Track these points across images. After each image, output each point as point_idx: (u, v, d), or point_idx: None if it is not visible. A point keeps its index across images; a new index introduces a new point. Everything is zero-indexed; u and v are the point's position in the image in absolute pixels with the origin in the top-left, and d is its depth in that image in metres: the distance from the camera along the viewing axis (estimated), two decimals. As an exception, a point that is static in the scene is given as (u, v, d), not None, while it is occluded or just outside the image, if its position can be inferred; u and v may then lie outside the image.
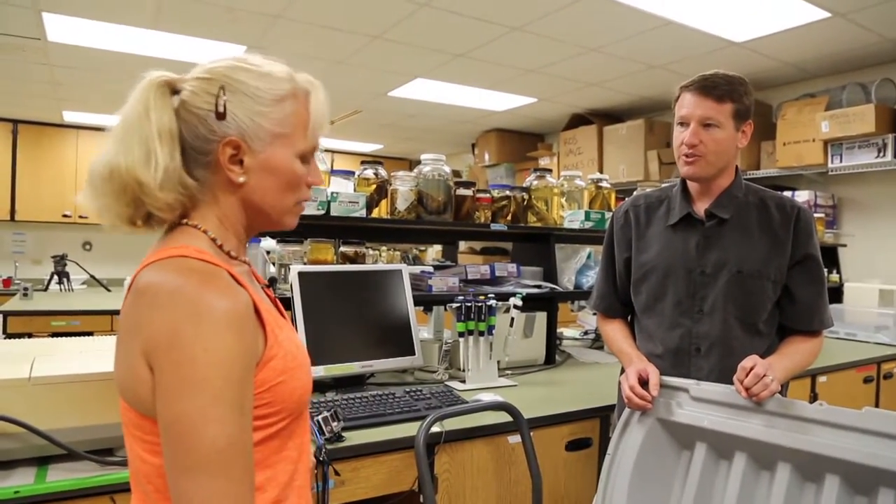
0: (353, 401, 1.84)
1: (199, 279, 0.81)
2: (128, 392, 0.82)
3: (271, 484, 0.88)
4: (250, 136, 0.89)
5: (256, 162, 0.90)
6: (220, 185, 0.91)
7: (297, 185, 0.95)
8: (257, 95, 0.89)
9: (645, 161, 5.37)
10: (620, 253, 1.85)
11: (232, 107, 0.88)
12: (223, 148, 0.88)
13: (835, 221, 4.59)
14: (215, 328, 0.77)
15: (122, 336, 0.84)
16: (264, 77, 0.90)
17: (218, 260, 0.87)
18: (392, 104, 5.93)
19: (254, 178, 0.91)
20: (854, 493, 1.30)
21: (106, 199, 0.88)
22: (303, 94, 0.94)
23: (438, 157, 2.60)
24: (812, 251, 1.68)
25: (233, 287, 0.83)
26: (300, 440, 0.95)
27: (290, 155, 0.92)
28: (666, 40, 4.07)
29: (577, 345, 3.31)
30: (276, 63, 0.94)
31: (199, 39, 4.10)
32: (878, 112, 3.98)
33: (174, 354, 0.76)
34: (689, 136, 1.63)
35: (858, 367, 3.10)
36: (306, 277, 2.06)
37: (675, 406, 1.58)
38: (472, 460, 1.81)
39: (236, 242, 0.95)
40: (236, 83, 0.89)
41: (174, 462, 0.76)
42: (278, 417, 0.88)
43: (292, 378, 0.90)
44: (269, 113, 0.90)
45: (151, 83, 0.88)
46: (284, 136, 0.91)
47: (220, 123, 0.88)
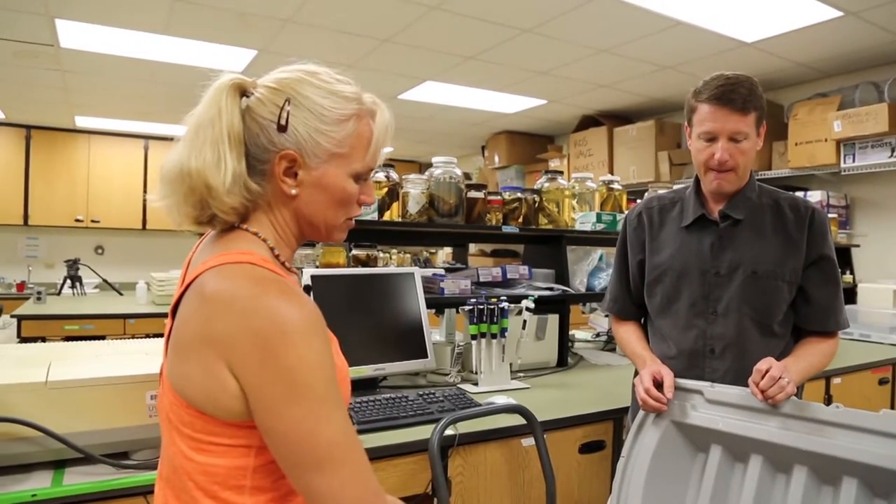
0: (366, 404, 1.85)
1: (276, 288, 0.83)
2: (199, 395, 0.83)
3: None
4: (307, 152, 0.90)
5: (310, 177, 0.92)
6: (273, 194, 0.93)
7: (347, 203, 0.96)
8: (321, 113, 0.90)
9: (656, 162, 5.35)
10: (634, 255, 1.84)
11: (294, 121, 0.89)
12: (279, 160, 0.90)
13: (847, 222, 4.56)
14: (302, 336, 0.80)
15: (190, 342, 0.84)
16: (331, 95, 0.91)
17: (280, 270, 0.89)
18: (403, 107, 5.93)
19: (305, 193, 0.92)
20: (873, 496, 1.29)
21: (174, 199, 0.90)
22: (367, 115, 0.96)
23: (450, 160, 2.60)
24: (827, 251, 1.67)
25: (304, 296, 0.86)
26: None
27: (344, 174, 0.94)
28: (676, 41, 4.06)
29: (589, 347, 3.30)
30: (346, 81, 0.95)
31: (211, 44, 4.12)
32: (891, 111, 3.95)
33: (271, 367, 0.79)
34: (720, 153, 1.59)
35: (873, 368, 3.07)
36: (319, 281, 2.07)
37: (689, 408, 1.57)
38: (486, 463, 1.81)
39: (289, 253, 0.97)
40: (302, 98, 0.90)
41: (299, 466, 0.81)
42: None
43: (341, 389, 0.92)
44: (330, 132, 0.91)
45: (224, 85, 0.90)
46: (341, 155, 0.93)
47: (281, 135, 0.89)
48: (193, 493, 0.86)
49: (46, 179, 6.51)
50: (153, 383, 1.40)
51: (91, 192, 6.64)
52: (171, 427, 0.88)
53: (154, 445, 1.43)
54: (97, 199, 6.62)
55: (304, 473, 0.81)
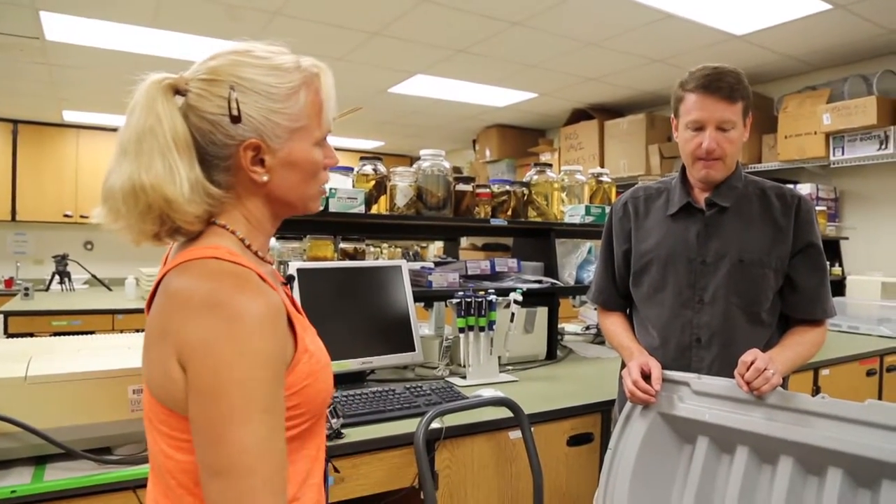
0: (352, 397, 1.84)
1: (232, 283, 0.81)
2: (159, 389, 0.82)
3: (290, 482, 0.88)
4: (268, 136, 0.87)
5: (277, 160, 0.89)
6: (243, 186, 0.90)
7: (317, 172, 0.95)
8: (270, 93, 0.87)
9: (646, 155, 5.35)
10: (619, 245, 1.84)
11: (246, 108, 0.86)
12: (243, 151, 0.87)
13: (837, 214, 4.57)
14: (250, 332, 0.77)
15: (152, 334, 0.83)
16: (273, 71, 0.88)
17: (248, 261, 0.86)
18: (393, 101, 5.91)
19: (277, 175, 0.90)
20: (857, 486, 1.29)
21: (130, 218, 0.85)
22: (312, 80, 0.93)
23: (438, 152, 2.59)
24: (813, 239, 1.67)
25: (265, 289, 0.83)
26: (319, 440, 0.96)
27: (308, 146, 0.92)
28: (666, 34, 4.05)
29: (578, 340, 3.30)
30: (280, 50, 0.92)
31: (199, 37, 4.09)
32: (879, 104, 3.95)
33: (209, 359, 0.76)
34: (708, 142, 1.60)
35: (861, 359, 3.09)
36: (305, 274, 2.05)
37: (676, 400, 1.57)
38: (473, 456, 1.80)
39: (263, 240, 0.95)
40: (245, 82, 0.86)
41: (207, 463, 0.77)
42: (303, 419, 0.89)
43: (317, 381, 0.90)
44: (284, 109, 0.88)
45: (155, 89, 0.85)
46: (301, 128, 0.90)
47: (237, 127, 0.86)
48: (177, 492, 0.84)
49: (34, 174, 6.45)
50: (135, 377, 1.39)
51: (80, 188, 6.58)
52: (151, 426, 0.86)
53: (137, 440, 1.42)
54: (86, 194, 6.56)
55: (207, 472, 0.77)
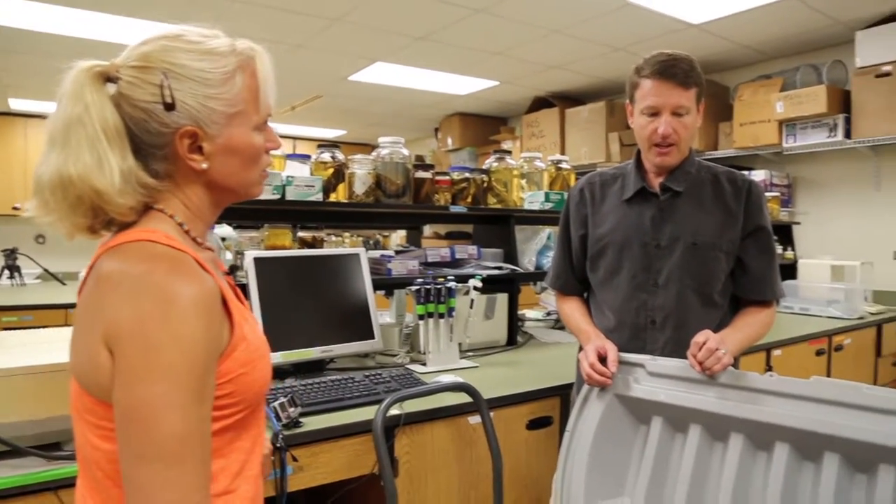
0: (311, 386, 1.82)
1: (167, 265, 0.79)
2: (85, 377, 0.80)
3: (223, 473, 0.87)
4: (205, 122, 0.85)
5: (216, 146, 0.87)
6: (182, 174, 0.88)
7: (258, 157, 0.93)
8: (204, 78, 0.85)
9: (606, 143, 5.40)
10: (576, 230, 1.85)
11: (180, 95, 0.83)
12: (180, 140, 0.85)
13: (790, 200, 4.68)
14: (182, 315, 0.76)
15: (81, 321, 0.81)
16: (207, 55, 0.86)
17: (185, 246, 0.84)
18: (353, 89, 5.85)
19: (216, 162, 0.88)
20: (802, 459, 1.33)
21: (61, 211, 0.83)
22: (248, 63, 0.90)
23: (396, 140, 2.57)
24: (763, 223, 1.70)
25: (200, 274, 0.81)
26: (255, 430, 0.94)
27: (247, 131, 0.90)
28: (625, 22, 4.09)
29: (539, 326, 3.33)
30: (214, 34, 0.89)
31: (154, 23, 3.99)
32: (829, 93, 4.06)
33: (138, 341, 0.74)
34: (664, 127, 1.62)
35: (811, 340, 3.18)
36: (262, 263, 2.03)
37: (632, 381, 1.59)
38: (433, 442, 1.80)
39: (203, 227, 0.93)
40: (178, 68, 0.84)
41: (129, 448, 0.74)
42: (237, 409, 0.87)
43: (254, 370, 0.88)
44: (220, 94, 0.86)
45: (83, 76, 0.82)
46: (239, 113, 0.88)
47: (171, 114, 0.83)
48: (104, 483, 0.82)
49: (-20, 165, 6.23)
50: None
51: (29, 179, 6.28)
52: (78, 416, 0.84)
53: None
54: (36, 185, 6.36)
55: (129, 458, 0.74)
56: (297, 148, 7.63)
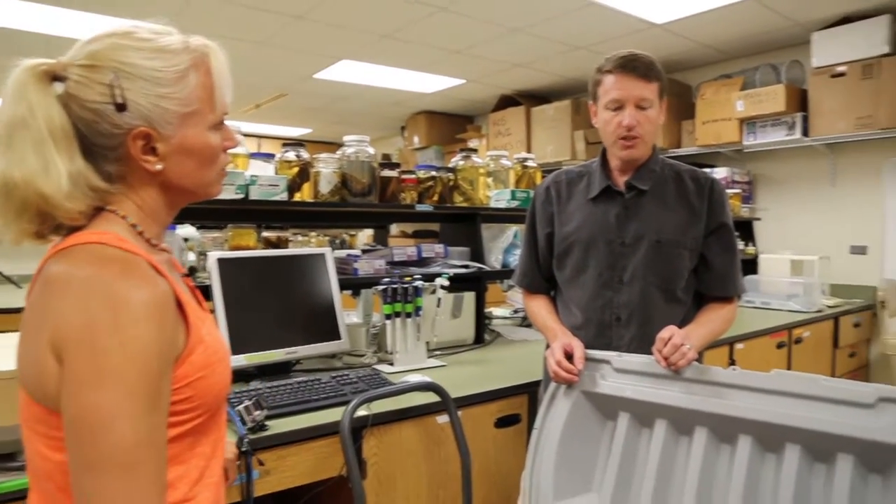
0: (277, 388, 1.80)
1: (117, 268, 0.76)
2: (33, 386, 0.77)
3: (182, 481, 0.84)
4: (158, 123, 0.83)
5: (171, 147, 0.85)
6: (136, 176, 0.85)
7: (215, 157, 0.91)
8: (156, 78, 0.82)
9: (572, 141, 5.44)
10: (542, 228, 1.86)
11: (131, 95, 0.80)
12: (132, 141, 0.82)
13: (751, 196, 4.78)
14: (133, 320, 0.73)
15: (29, 326, 0.78)
16: (158, 54, 0.83)
17: (137, 248, 0.81)
18: (318, 87, 5.81)
19: (171, 163, 0.85)
20: (765, 451, 1.35)
21: (5, 217, 0.79)
22: (201, 61, 0.88)
23: (362, 138, 2.55)
24: (726, 220, 1.73)
25: (152, 277, 0.78)
26: (215, 436, 0.92)
27: (203, 131, 0.87)
28: (589, 21, 4.13)
29: (506, 323, 3.34)
30: (166, 31, 0.86)
31: (111, 18, 3.89)
32: (788, 92, 4.16)
33: (87, 347, 0.71)
34: (628, 119, 1.63)
35: (772, 333, 3.25)
36: (226, 264, 1.99)
37: (598, 378, 1.60)
38: (401, 442, 1.79)
39: (157, 228, 0.90)
40: (129, 67, 0.81)
41: (78, 458, 0.71)
42: (196, 413, 0.85)
43: (213, 373, 0.86)
44: (173, 94, 0.83)
45: (27, 75, 0.79)
46: (193, 113, 0.86)
47: (123, 115, 0.81)
48: (56, 496, 0.79)
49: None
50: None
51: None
52: (28, 427, 0.81)
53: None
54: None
55: (79, 469, 0.72)
56: (262, 146, 7.55)
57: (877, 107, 3.83)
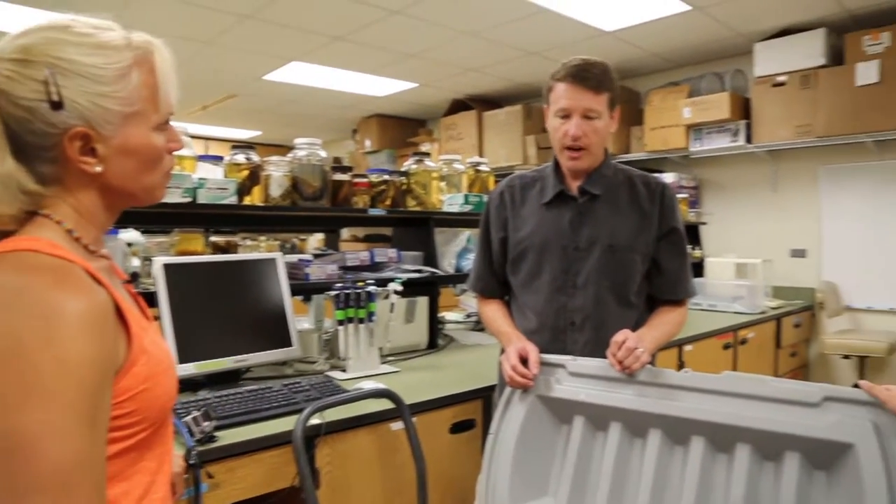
0: (226, 398, 1.74)
1: (50, 277, 0.71)
2: None
3: (126, 498, 0.80)
4: (98, 122, 0.78)
5: (111, 148, 0.80)
6: (73, 178, 0.80)
7: (159, 159, 0.86)
8: (96, 75, 0.77)
9: (524, 146, 5.49)
10: (496, 233, 1.86)
11: (68, 93, 0.76)
12: (69, 142, 0.77)
13: (697, 201, 4.91)
14: (67, 332, 0.69)
15: None
16: (98, 50, 0.78)
17: (73, 255, 0.77)
18: (268, 88, 5.72)
19: (112, 165, 0.81)
20: (716, 452, 1.38)
21: None
22: (145, 59, 0.83)
23: (314, 141, 2.51)
24: (676, 225, 1.76)
25: (89, 286, 0.74)
26: (161, 449, 0.88)
27: (146, 131, 0.83)
28: (541, 27, 4.17)
29: (460, 328, 3.33)
30: (106, 27, 0.81)
31: (44, 11, 3.74)
32: (732, 100, 4.28)
33: (16, 362, 0.66)
34: (573, 129, 1.65)
35: (718, 335, 3.34)
36: (172, 269, 1.93)
37: (553, 382, 1.60)
38: (356, 450, 1.76)
39: (96, 233, 0.85)
40: (66, 63, 0.76)
41: (10, 482, 0.66)
42: (139, 427, 0.80)
43: (157, 385, 0.82)
44: (114, 92, 0.79)
45: None
46: (136, 113, 0.81)
47: (59, 114, 0.76)
48: None
49: None
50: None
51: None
52: None
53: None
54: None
55: (11, 494, 0.66)
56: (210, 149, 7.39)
57: (814, 116, 3.98)
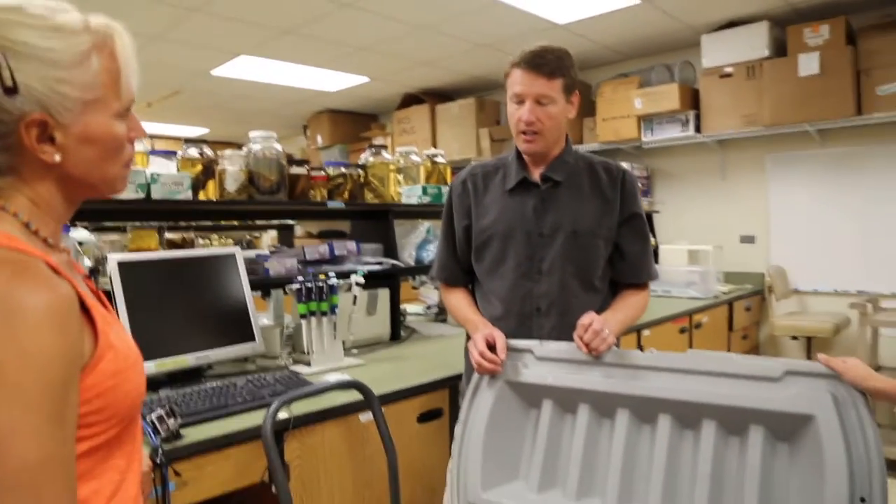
0: (190, 395, 1.70)
1: (10, 272, 0.68)
2: None
3: (96, 497, 0.77)
4: (56, 109, 0.74)
5: (70, 137, 0.77)
6: (29, 167, 0.76)
7: (121, 148, 0.83)
8: (52, 59, 0.74)
9: (477, 138, 5.51)
10: (459, 221, 1.86)
11: (23, 77, 0.72)
12: (26, 129, 0.73)
13: (649, 191, 5.01)
14: (30, 327, 0.66)
15: None
16: (55, 33, 0.75)
17: (32, 248, 0.73)
18: (215, 83, 5.60)
19: (71, 154, 0.77)
20: (683, 429, 1.41)
21: None
22: (105, 43, 0.80)
23: (269, 134, 2.48)
24: (637, 210, 1.79)
25: (51, 279, 0.71)
26: (130, 447, 0.85)
27: (107, 119, 0.80)
28: (493, 20, 4.18)
29: (421, 319, 3.33)
30: (62, 8, 0.78)
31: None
32: (681, 91, 4.38)
33: None
34: (526, 114, 1.67)
35: (674, 319, 3.42)
36: (128, 267, 1.87)
37: (521, 367, 1.61)
38: (325, 443, 1.74)
39: (54, 226, 0.81)
40: (20, 45, 0.72)
41: None
42: (109, 424, 0.78)
43: (125, 380, 0.79)
44: (72, 78, 0.75)
45: None
46: (96, 100, 0.78)
47: (13, 99, 0.72)
48: None
49: None
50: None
51: None
52: None
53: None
54: None
55: None
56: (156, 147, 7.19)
57: (760, 106, 4.11)
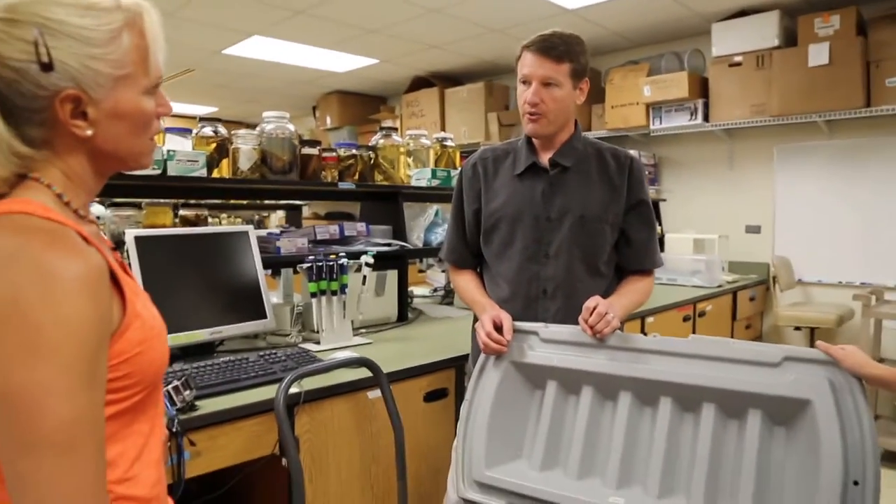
0: (204, 369, 1.75)
1: (46, 239, 0.72)
2: None
3: (121, 459, 0.82)
4: (89, 85, 0.77)
5: (102, 111, 0.80)
6: (63, 141, 0.80)
7: (149, 123, 0.86)
8: (87, 37, 0.77)
9: (485, 123, 5.52)
10: (469, 205, 1.89)
11: (59, 54, 0.75)
12: (60, 104, 0.76)
13: (656, 179, 5.02)
14: (65, 293, 0.69)
15: None
16: (88, 11, 0.78)
17: (65, 218, 0.77)
18: (227, 63, 5.61)
19: (102, 129, 0.81)
20: (683, 411, 1.45)
21: None
22: (135, 21, 0.83)
23: (282, 114, 2.51)
24: (644, 197, 1.82)
25: (84, 249, 0.74)
26: (153, 412, 0.89)
27: (136, 95, 0.83)
28: (503, 4, 4.18)
29: (427, 302, 3.37)
30: None
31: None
32: (690, 79, 4.38)
33: (15, 321, 0.67)
34: (531, 96, 1.71)
35: (678, 307, 3.45)
36: (144, 242, 1.91)
37: (526, 348, 1.65)
38: (333, 418, 1.79)
39: (85, 198, 0.85)
40: (55, 23, 0.75)
41: (12, 440, 0.67)
42: (134, 390, 0.82)
43: (150, 348, 0.83)
44: (105, 55, 0.78)
45: None
46: (127, 76, 0.81)
47: (49, 75, 0.75)
48: None
49: None
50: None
51: None
52: None
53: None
54: None
55: (13, 451, 0.68)
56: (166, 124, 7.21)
57: (769, 96, 4.11)
